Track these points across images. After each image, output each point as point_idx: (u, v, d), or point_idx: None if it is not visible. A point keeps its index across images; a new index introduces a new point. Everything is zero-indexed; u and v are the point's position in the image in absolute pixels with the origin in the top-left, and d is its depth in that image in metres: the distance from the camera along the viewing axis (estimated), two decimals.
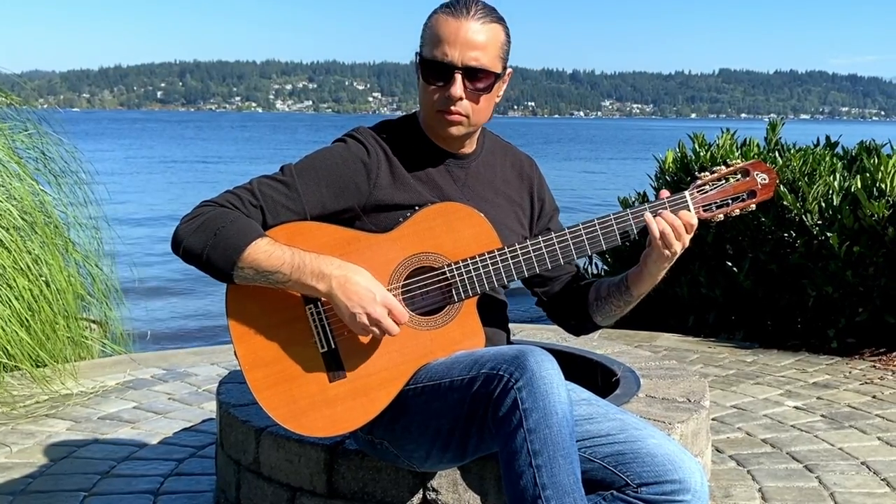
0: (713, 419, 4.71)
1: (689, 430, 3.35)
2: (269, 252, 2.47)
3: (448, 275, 2.60)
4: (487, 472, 2.86)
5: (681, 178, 7.42)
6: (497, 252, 2.62)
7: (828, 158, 6.78)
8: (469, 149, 2.81)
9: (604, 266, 7.96)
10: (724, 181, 2.68)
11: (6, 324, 5.26)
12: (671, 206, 2.62)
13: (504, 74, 2.70)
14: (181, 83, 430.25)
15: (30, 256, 5.70)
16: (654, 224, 2.58)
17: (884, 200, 6.13)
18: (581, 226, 2.64)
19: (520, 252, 2.62)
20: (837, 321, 6.42)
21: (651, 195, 7.76)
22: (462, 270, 2.60)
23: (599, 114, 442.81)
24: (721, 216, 2.68)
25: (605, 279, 2.86)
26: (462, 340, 2.63)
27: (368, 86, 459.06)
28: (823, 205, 6.45)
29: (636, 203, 7.53)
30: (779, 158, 7.01)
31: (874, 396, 5.28)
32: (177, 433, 4.53)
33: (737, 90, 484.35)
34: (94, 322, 6.61)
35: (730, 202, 2.68)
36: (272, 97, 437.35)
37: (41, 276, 5.74)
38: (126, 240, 8.31)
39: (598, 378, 3.94)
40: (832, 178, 6.49)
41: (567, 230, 2.65)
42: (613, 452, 2.41)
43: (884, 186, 6.18)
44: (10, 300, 5.35)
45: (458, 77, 2.59)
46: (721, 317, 7.06)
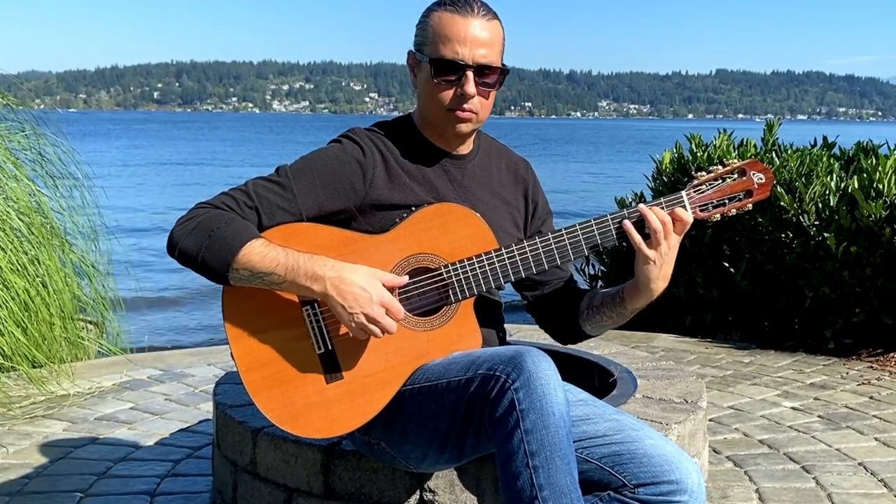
0: (710, 420, 4.71)
1: (686, 431, 3.35)
2: (264, 253, 2.46)
3: (445, 276, 2.59)
4: (484, 473, 2.86)
5: (678, 179, 7.42)
6: (494, 253, 2.61)
7: (825, 159, 6.78)
8: (466, 149, 2.81)
9: (601, 267, 7.95)
10: (721, 181, 2.67)
11: (3, 325, 5.26)
12: (668, 206, 2.61)
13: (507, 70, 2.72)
14: (178, 84, 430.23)
15: (26, 257, 5.69)
16: (631, 225, 2.59)
17: (881, 201, 6.13)
18: (578, 226, 2.63)
19: (517, 252, 2.62)
20: (835, 322, 6.42)
21: (648, 196, 7.76)
22: (459, 271, 2.59)
23: (596, 114, 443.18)
24: (718, 216, 2.67)
25: (601, 290, 2.86)
26: (459, 341, 2.62)
27: (365, 86, 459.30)
28: (820, 205, 6.45)
29: (633, 203, 7.52)
30: (776, 159, 7.01)
31: (871, 397, 5.28)
32: (173, 434, 4.52)
33: (734, 91, 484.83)
34: (91, 322, 6.60)
35: (726, 202, 2.67)
36: (269, 98, 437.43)
37: (38, 277, 5.74)
38: (124, 244, 8.31)
39: (596, 379, 3.94)
40: (829, 179, 6.49)
41: (564, 230, 2.64)
42: (610, 453, 2.41)
43: (881, 187, 6.18)
44: (7, 301, 5.35)
45: (471, 74, 2.61)
46: (718, 317, 7.06)
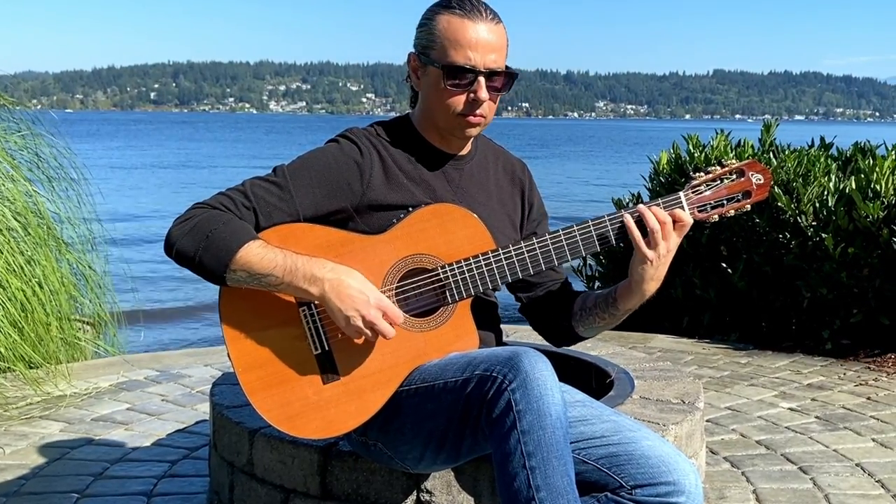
0: (707, 421, 4.71)
1: (684, 432, 3.34)
2: (262, 255, 2.45)
3: (442, 276, 2.59)
4: (481, 474, 2.86)
5: (675, 180, 7.42)
6: (491, 253, 2.60)
7: (822, 159, 6.78)
8: (464, 150, 2.80)
9: (597, 267, 7.95)
10: (719, 181, 2.66)
11: None
12: (666, 207, 2.60)
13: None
14: (174, 84, 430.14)
15: (23, 258, 5.68)
16: (632, 222, 2.58)
17: (878, 202, 6.13)
18: (575, 226, 2.63)
19: (514, 253, 2.61)
20: (832, 322, 6.42)
21: (646, 196, 7.77)
22: (456, 272, 2.59)
23: (594, 115, 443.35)
24: (716, 217, 2.66)
25: (593, 292, 2.85)
26: (456, 342, 2.62)
27: (362, 87, 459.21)
28: (818, 206, 6.45)
29: (630, 204, 7.52)
30: (773, 159, 7.00)
31: (869, 398, 5.27)
32: (170, 435, 4.52)
33: (731, 91, 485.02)
34: (88, 323, 6.60)
35: (725, 203, 2.66)
36: (266, 98, 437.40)
37: (34, 278, 5.73)
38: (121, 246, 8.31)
39: (593, 380, 3.94)
40: (827, 180, 6.49)
41: (561, 231, 2.63)
42: (608, 454, 2.40)
43: (878, 187, 6.18)
44: (3, 301, 5.34)
45: (482, 80, 2.61)
46: (715, 318, 7.06)
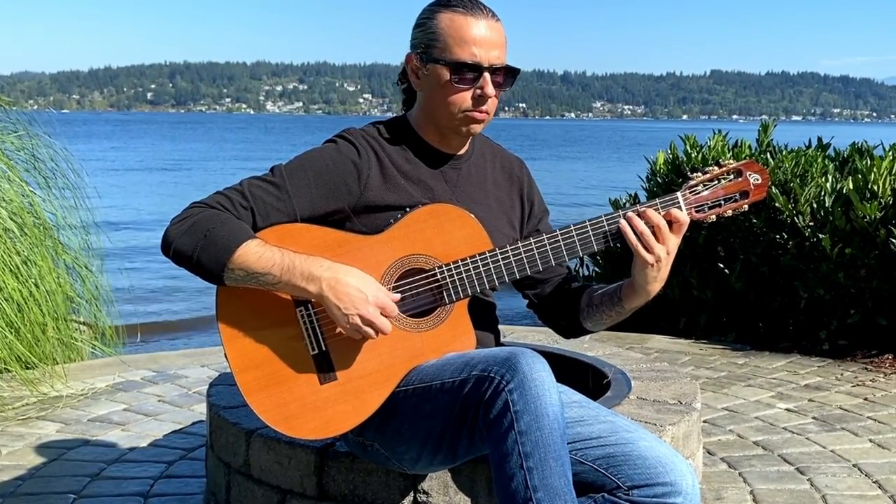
0: (704, 421, 4.71)
1: (681, 433, 3.34)
2: (260, 254, 2.45)
3: (439, 276, 2.58)
4: (478, 475, 2.85)
5: (672, 180, 7.42)
6: (488, 254, 2.60)
7: (820, 160, 6.79)
8: (462, 150, 2.80)
9: (595, 268, 7.95)
10: (717, 182, 2.65)
11: None
12: (663, 207, 2.60)
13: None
14: (171, 84, 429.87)
15: (19, 258, 5.67)
16: (630, 227, 2.57)
17: (876, 202, 6.14)
18: (572, 227, 2.62)
19: (511, 254, 2.61)
20: (829, 323, 6.42)
21: (643, 197, 7.77)
22: (453, 272, 2.58)
23: (590, 115, 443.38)
24: (713, 217, 2.66)
25: (599, 286, 2.84)
26: (453, 342, 2.61)
27: (359, 87, 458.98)
28: (815, 206, 6.45)
29: (627, 205, 7.52)
30: (771, 160, 7.01)
31: (866, 398, 5.28)
32: (167, 435, 4.51)
33: (728, 91, 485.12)
34: (84, 324, 6.59)
35: (722, 203, 2.66)
36: (262, 98, 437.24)
37: (31, 278, 5.72)
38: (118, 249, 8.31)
39: (590, 380, 3.93)
40: (824, 180, 6.49)
41: (558, 231, 2.63)
42: (605, 455, 2.40)
43: (876, 188, 6.19)
44: (0, 302, 5.33)
45: (488, 76, 2.62)
46: (712, 319, 7.06)
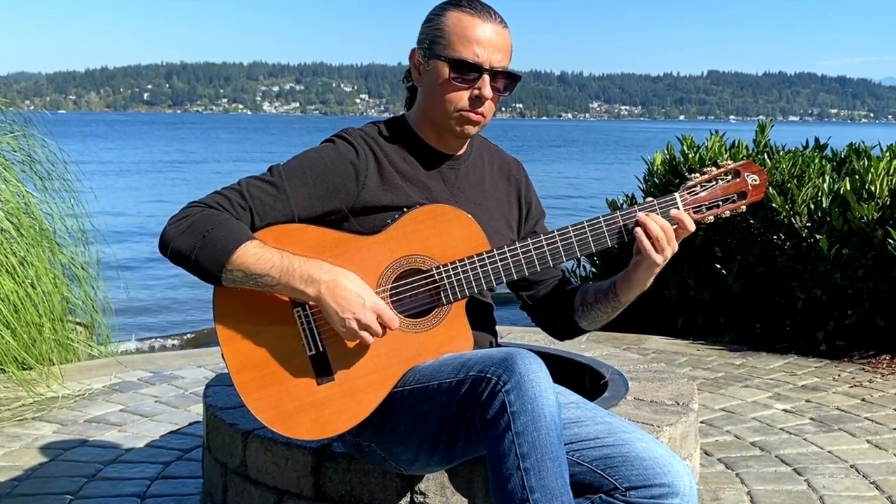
0: (702, 422, 4.71)
1: (678, 433, 3.34)
2: (259, 255, 2.45)
3: (437, 277, 2.58)
4: (475, 475, 2.85)
5: (669, 181, 7.42)
6: (486, 254, 2.60)
7: (817, 160, 6.79)
8: (460, 151, 2.80)
9: (592, 268, 7.95)
10: (715, 182, 2.65)
11: None
12: (661, 208, 2.60)
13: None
14: (168, 85, 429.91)
15: (15, 259, 5.67)
16: (644, 230, 2.57)
17: (873, 203, 6.14)
18: (570, 228, 2.62)
19: (508, 254, 2.61)
20: (826, 324, 6.43)
21: (640, 197, 7.76)
22: (451, 273, 2.58)
23: (588, 116, 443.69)
24: (711, 218, 2.66)
25: (592, 284, 2.85)
26: (450, 343, 2.61)
27: (356, 87, 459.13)
28: (812, 207, 6.45)
29: (624, 205, 7.52)
30: (768, 160, 7.01)
31: (863, 399, 5.28)
32: (163, 436, 4.51)
33: (725, 92, 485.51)
34: (80, 324, 6.58)
35: (720, 203, 2.66)
36: (259, 99, 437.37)
37: (27, 279, 5.71)
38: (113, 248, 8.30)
39: (587, 381, 3.93)
40: (821, 181, 6.49)
41: (556, 232, 2.63)
42: (602, 456, 2.40)
43: (873, 188, 6.19)
44: None
45: (487, 78, 2.61)
46: (709, 319, 7.06)
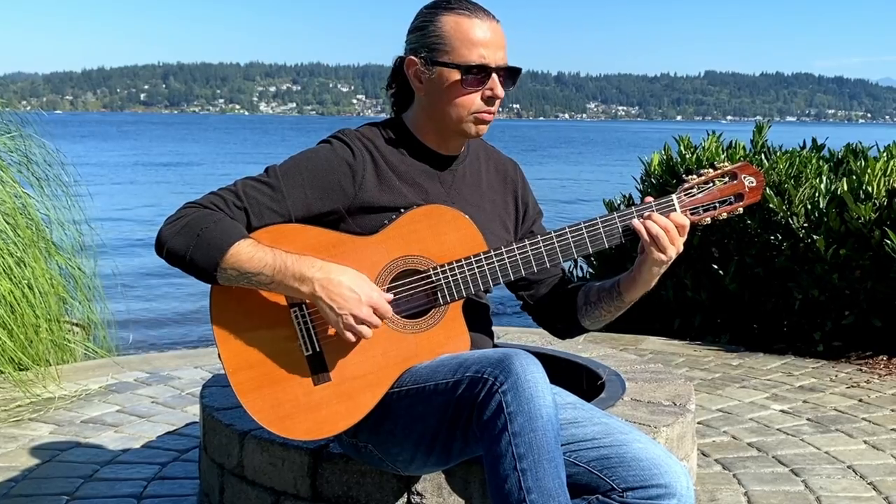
0: (699, 423, 4.71)
1: (675, 434, 3.34)
2: (252, 254, 2.45)
3: (433, 278, 2.58)
4: (472, 476, 2.85)
5: (666, 181, 7.41)
6: (483, 255, 2.60)
7: (814, 161, 6.79)
8: (457, 151, 2.79)
9: (589, 269, 7.94)
10: (712, 184, 2.65)
11: None
12: (658, 210, 2.60)
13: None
14: (164, 85, 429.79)
15: (12, 259, 5.66)
16: (645, 228, 2.57)
17: (870, 203, 6.14)
18: (567, 229, 2.62)
19: (506, 255, 2.60)
20: (824, 324, 6.43)
21: (637, 198, 7.76)
22: (448, 273, 2.58)
23: (584, 116, 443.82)
24: (708, 220, 2.66)
25: (594, 283, 2.84)
26: (447, 343, 2.61)
27: (353, 88, 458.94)
28: (810, 207, 6.45)
29: (621, 206, 7.52)
30: (765, 161, 7.01)
31: (860, 400, 5.28)
32: (160, 437, 4.50)
33: (722, 92, 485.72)
34: (77, 325, 6.57)
35: (717, 205, 2.65)
36: (256, 99, 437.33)
37: (23, 280, 5.71)
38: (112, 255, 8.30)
39: (584, 381, 3.93)
40: (818, 181, 6.49)
41: (553, 233, 2.63)
42: (599, 456, 2.40)
43: (870, 189, 6.19)
44: None
45: (496, 77, 2.62)
46: (707, 320, 7.06)
